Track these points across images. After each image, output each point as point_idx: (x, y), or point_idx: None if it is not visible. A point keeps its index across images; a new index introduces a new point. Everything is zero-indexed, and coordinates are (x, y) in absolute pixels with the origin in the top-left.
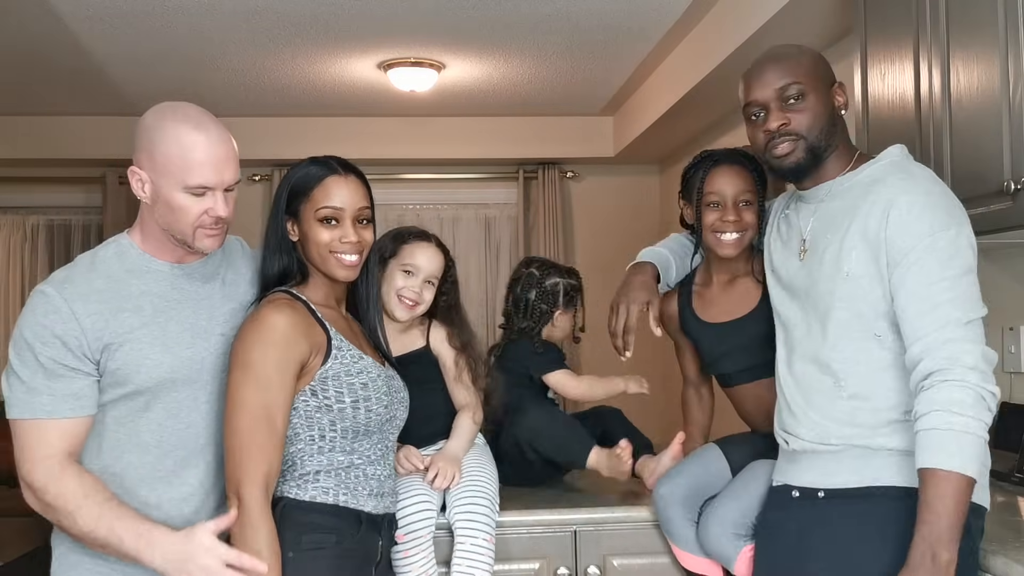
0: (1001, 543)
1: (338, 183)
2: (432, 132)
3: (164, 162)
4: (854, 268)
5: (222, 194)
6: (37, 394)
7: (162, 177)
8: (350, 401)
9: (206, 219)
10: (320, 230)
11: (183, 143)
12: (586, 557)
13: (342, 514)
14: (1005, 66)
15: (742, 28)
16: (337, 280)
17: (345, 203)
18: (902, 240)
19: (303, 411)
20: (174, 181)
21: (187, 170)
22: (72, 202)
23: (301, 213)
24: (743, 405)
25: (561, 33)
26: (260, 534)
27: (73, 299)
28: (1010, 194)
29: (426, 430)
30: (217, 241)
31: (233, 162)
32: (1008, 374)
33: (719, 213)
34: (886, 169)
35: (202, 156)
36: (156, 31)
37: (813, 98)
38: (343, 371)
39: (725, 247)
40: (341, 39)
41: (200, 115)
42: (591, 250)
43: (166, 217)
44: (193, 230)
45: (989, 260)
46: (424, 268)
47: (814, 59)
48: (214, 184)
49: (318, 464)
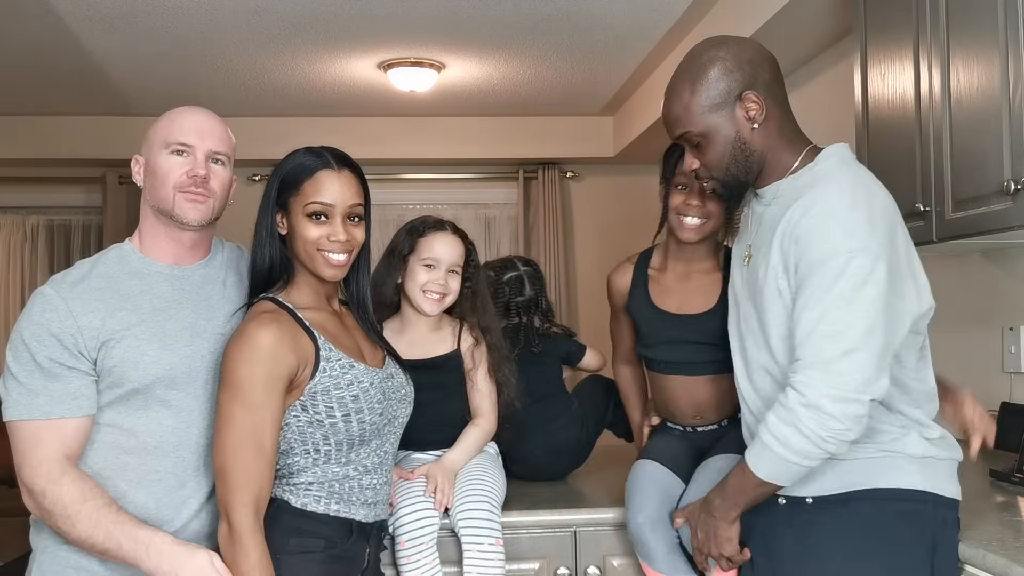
0: (1001, 543)
1: (330, 177)
2: (432, 132)
3: (153, 134)
4: (782, 284)
5: (204, 159)
6: (34, 395)
7: (151, 148)
8: (341, 416)
9: (184, 179)
10: (308, 226)
11: (173, 115)
12: (586, 557)
13: (333, 522)
14: (1005, 66)
15: (742, 28)
16: (324, 279)
17: (336, 199)
18: (804, 260)
19: (295, 426)
20: (158, 145)
21: (170, 129)
22: (72, 202)
23: (290, 206)
24: (672, 393)
25: (561, 33)
26: (250, 558)
27: (71, 297)
28: (1010, 194)
29: (439, 437)
30: (198, 210)
31: (218, 134)
32: (1008, 374)
33: (684, 196)
34: (817, 176)
35: (186, 120)
36: (156, 31)
37: (711, 139)
38: (332, 384)
39: (686, 231)
40: (341, 39)
41: (199, 106)
42: (591, 250)
43: (151, 188)
44: (174, 193)
45: (989, 260)
46: (445, 258)
47: (704, 86)
48: (193, 143)
49: (312, 476)
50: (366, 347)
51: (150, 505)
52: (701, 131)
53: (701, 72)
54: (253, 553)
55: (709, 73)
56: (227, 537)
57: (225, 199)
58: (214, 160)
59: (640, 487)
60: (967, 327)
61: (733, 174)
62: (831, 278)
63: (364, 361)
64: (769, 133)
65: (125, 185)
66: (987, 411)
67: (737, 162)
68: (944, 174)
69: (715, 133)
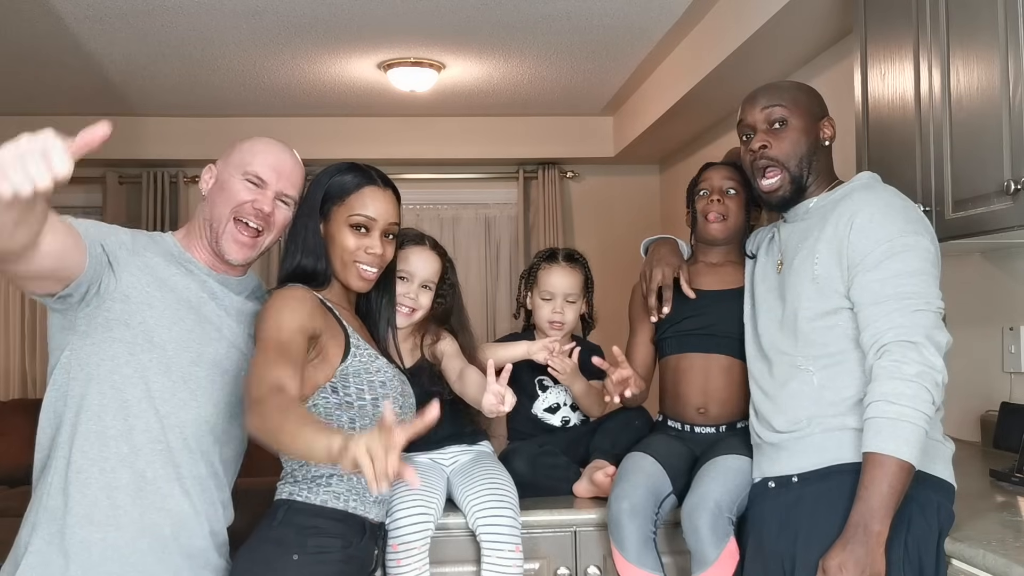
0: (1001, 543)
1: (375, 194)
2: (432, 132)
3: (236, 155)
4: (820, 271)
5: (273, 198)
6: None
7: (228, 168)
8: (370, 398)
9: (247, 209)
10: (348, 236)
11: (258, 147)
12: (586, 557)
13: (349, 520)
14: (1005, 66)
15: (742, 28)
16: (351, 289)
17: (379, 214)
18: (862, 244)
19: (323, 408)
20: (236, 168)
21: (251, 159)
22: (72, 202)
23: (332, 215)
24: (685, 375)
25: (561, 33)
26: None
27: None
28: (1010, 194)
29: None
30: (243, 253)
31: (294, 176)
32: (1008, 374)
33: (707, 199)
34: (854, 188)
35: (268, 155)
36: (156, 31)
37: (795, 125)
38: (363, 368)
39: (712, 229)
40: (341, 39)
41: (284, 144)
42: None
43: (214, 200)
44: (231, 217)
45: (989, 260)
46: (419, 273)
47: (805, 92)
48: (268, 179)
49: (332, 468)
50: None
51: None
52: (793, 114)
53: (800, 85)
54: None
55: (807, 89)
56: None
57: (279, 235)
58: (283, 200)
59: (629, 476)
60: (967, 327)
61: (795, 166)
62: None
63: None
64: (828, 159)
65: (125, 185)
66: None
67: (802, 160)
68: (944, 174)
69: (800, 124)
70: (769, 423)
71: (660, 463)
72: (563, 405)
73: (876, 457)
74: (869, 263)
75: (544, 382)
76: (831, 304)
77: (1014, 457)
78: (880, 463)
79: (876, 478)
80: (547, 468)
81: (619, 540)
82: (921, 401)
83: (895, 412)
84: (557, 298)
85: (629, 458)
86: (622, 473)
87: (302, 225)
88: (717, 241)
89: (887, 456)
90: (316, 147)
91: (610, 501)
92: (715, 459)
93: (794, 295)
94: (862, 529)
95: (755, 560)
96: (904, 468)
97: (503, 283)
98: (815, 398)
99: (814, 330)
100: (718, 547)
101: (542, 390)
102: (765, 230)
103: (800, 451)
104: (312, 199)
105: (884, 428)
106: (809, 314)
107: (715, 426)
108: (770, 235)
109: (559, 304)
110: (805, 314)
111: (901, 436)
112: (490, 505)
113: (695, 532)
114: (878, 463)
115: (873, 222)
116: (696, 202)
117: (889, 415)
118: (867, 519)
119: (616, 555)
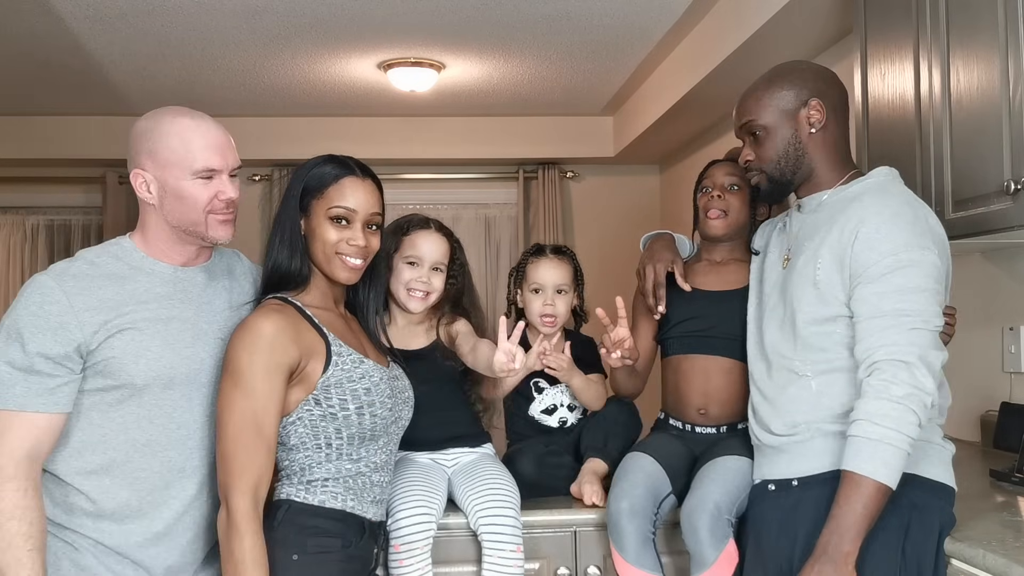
0: (1001, 543)
1: (355, 184)
2: (432, 132)
3: (168, 155)
4: (822, 277)
5: (228, 177)
6: (11, 385)
7: (168, 171)
8: (354, 408)
9: (217, 203)
10: (329, 228)
11: (184, 133)
12: (586, 557)
13: (348, 520)
14: (1005, 66)
15: (742, 28)
16: (338, 281)
17: (359, 205)
18: (865, 256)
19: (308, 420)
20: (180, 171)
21: (192, 156)
22: (72, 202)
23: (311, 209)
24: (686, 375)
25: (561, 33)
26: (244, 542)
27: (73, 292)
28: (1010, 194)
29: (438, 434)
30: (229, 229)
31: (233, 147)
32: (1008, 374)
33: (708, 196)
34: (867, 187)
35: (204, 141)
36: (156, 31)
37: (769, 130)
38: (345, 378)
39: (712, 225)
40: (341, 39)
41: (192, 110)
42: (591, 250)
43: (176, 210)
44: (205, 216)
45: (989, 260)
46: (428, 256)
47: (776, 86)
48: (219, 166)
49: (326, 472)
50: (371, 350)
51: (132, 502)
52: (765, 123)
53: (778, 75)
54: (248, 539)
55: (786, 77)
56: (224, 522)
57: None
58: (231, 175)
59: (629, 475)
60: (967, 327)
61: (781, 169)
62: (904, 269)
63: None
64: (824, 144)
65: (125, 185)
66: None
67: (788, 160)
68: (944, 174)
69: (776, 128)
70: (767, 426)
71: (660, 463)
72: (560, 406)
73: (854, 477)
74: (871, 275)
75: (540, 384)
76: (831, 311)
77: (1014, 457)
78: (857, 483)
79: (851, 498)
80: (552, 468)
81: (618, 540)
82: (906, 424)
83: (878, 434)
84: (547, 290)
85: (629, 458)
86: (621, 472)
87: (283, 222)
88: (718, 237)
89: (864, 477)
90: (316, 147)
91: (609, 501)
92: (715, 460)
93: (795, 297)
94: (832, 549)
95: (755, 562)
96: (881, 490)
97: (503, 283)
98: (813, 403)
99: (812, 335)
100: (717, 548)
101: (538, 392)
102: (774, 221)
103: (800, 455)
104: (291, 193)
105: (864, 448)
106: (807, 318)
107: (715, 427)
108: (780, 224)
109: (549, 296)
110: (804, 318)
111: (880, 458)
112: (492, 505)
113: (694, 533)
114: (855, 483)
115: (879, 233)
116: (699, 200)
117: (872, 436)
118: (837, 539)
119: (615, 555)
